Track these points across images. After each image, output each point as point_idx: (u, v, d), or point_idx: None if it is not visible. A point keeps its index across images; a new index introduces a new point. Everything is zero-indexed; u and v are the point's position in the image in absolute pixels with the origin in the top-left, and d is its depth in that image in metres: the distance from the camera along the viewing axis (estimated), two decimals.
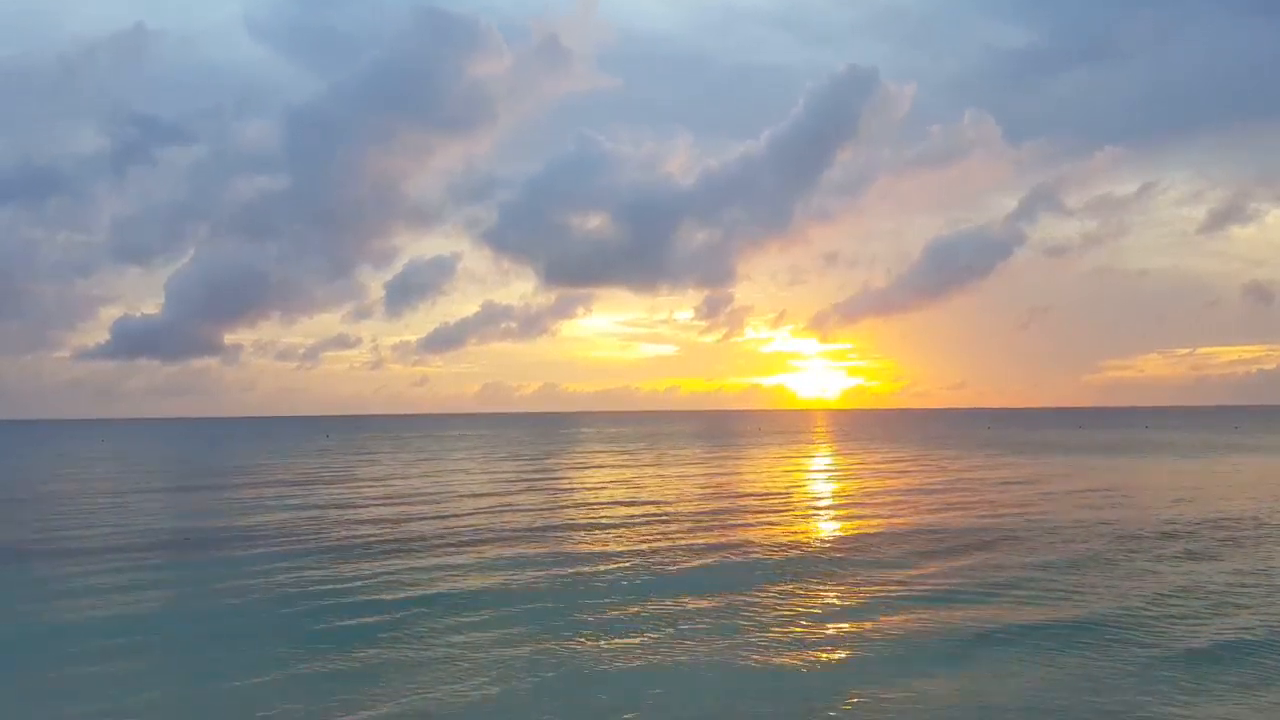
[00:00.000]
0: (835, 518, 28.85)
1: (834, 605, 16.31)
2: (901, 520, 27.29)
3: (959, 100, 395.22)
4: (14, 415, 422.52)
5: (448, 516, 29.57)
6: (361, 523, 28.33)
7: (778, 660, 12.91)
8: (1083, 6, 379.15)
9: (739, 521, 27.56)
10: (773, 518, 28.55)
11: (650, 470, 50.81)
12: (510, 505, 32.73)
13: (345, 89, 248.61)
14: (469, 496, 36.27)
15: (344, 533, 26.06)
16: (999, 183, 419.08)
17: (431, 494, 37.46)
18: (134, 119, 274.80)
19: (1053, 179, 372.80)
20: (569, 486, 40.98)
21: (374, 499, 35.92)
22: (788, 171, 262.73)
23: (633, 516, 29.02)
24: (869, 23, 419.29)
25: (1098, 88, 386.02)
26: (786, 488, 39.28)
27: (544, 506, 32.31)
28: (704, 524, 26.98)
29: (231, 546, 23.60)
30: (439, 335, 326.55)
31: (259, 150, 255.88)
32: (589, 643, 13.83)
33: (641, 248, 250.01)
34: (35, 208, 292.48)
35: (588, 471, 51.37)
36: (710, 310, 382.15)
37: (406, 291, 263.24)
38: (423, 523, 28.08)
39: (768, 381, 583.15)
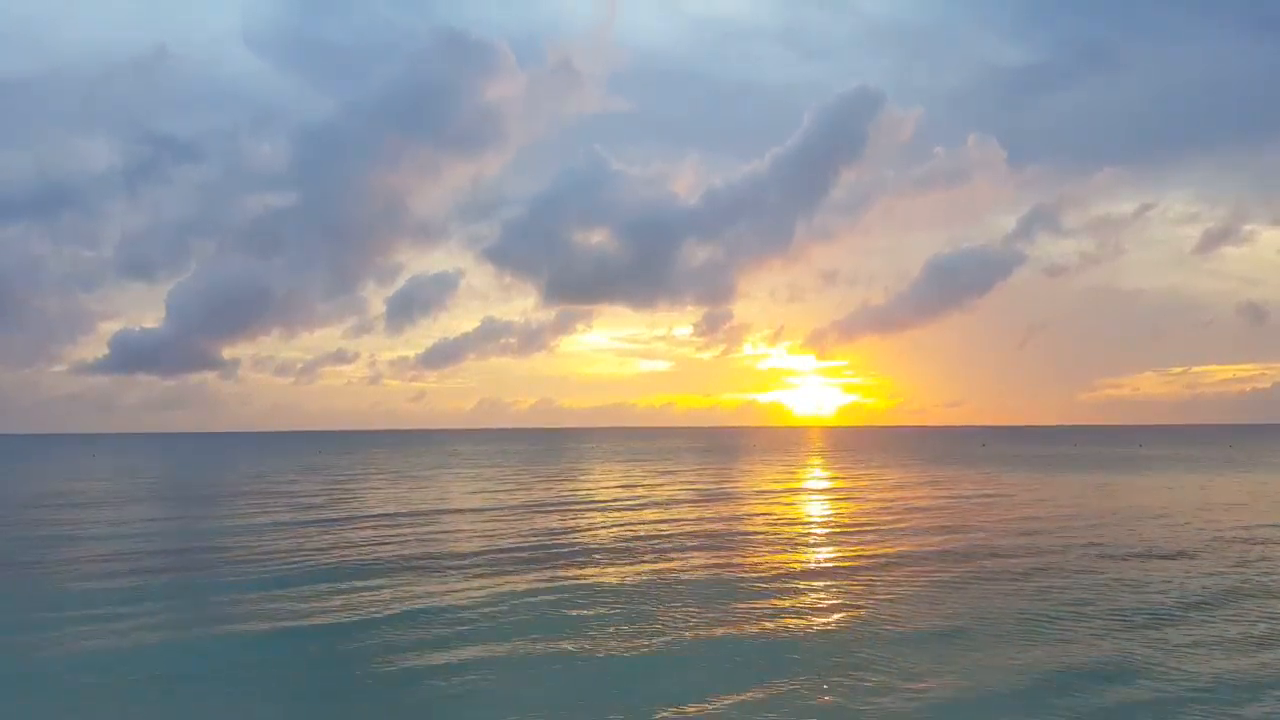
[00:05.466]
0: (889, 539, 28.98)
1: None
2: (905, 543, 27.50)
3: (959, 116, 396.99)
4: (11, 429, 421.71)
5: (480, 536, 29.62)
6: (358, 544, 28.40)
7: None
8: (1081, 25, 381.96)
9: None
10: (788, 540, 28.70)
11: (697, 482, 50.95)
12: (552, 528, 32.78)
13: (358, 108, 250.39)
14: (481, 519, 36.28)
15: (346, 554, 26.10)
16: (999, 203, 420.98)
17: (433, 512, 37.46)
18: (141, 136, 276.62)
19: (1052, 199, 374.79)
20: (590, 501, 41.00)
21: (365, 519, 35.96)
22: (791, 191, 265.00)
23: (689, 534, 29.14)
24: (869, 38, 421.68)
25: (1096, 106, 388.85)
26: (803, 508, 39.43)
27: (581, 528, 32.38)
28: (768, 543, 27.11)
29: (215, 571, 23.41)
30: (438, 351, 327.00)
31: (266, 167, 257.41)
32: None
33: (643, 265, 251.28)
34: (47, 223, 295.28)
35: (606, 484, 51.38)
36: (709, 327, 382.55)
37: (408, 307, 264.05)
38: (430, 543, 28.13)
39: (763, 398, 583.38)
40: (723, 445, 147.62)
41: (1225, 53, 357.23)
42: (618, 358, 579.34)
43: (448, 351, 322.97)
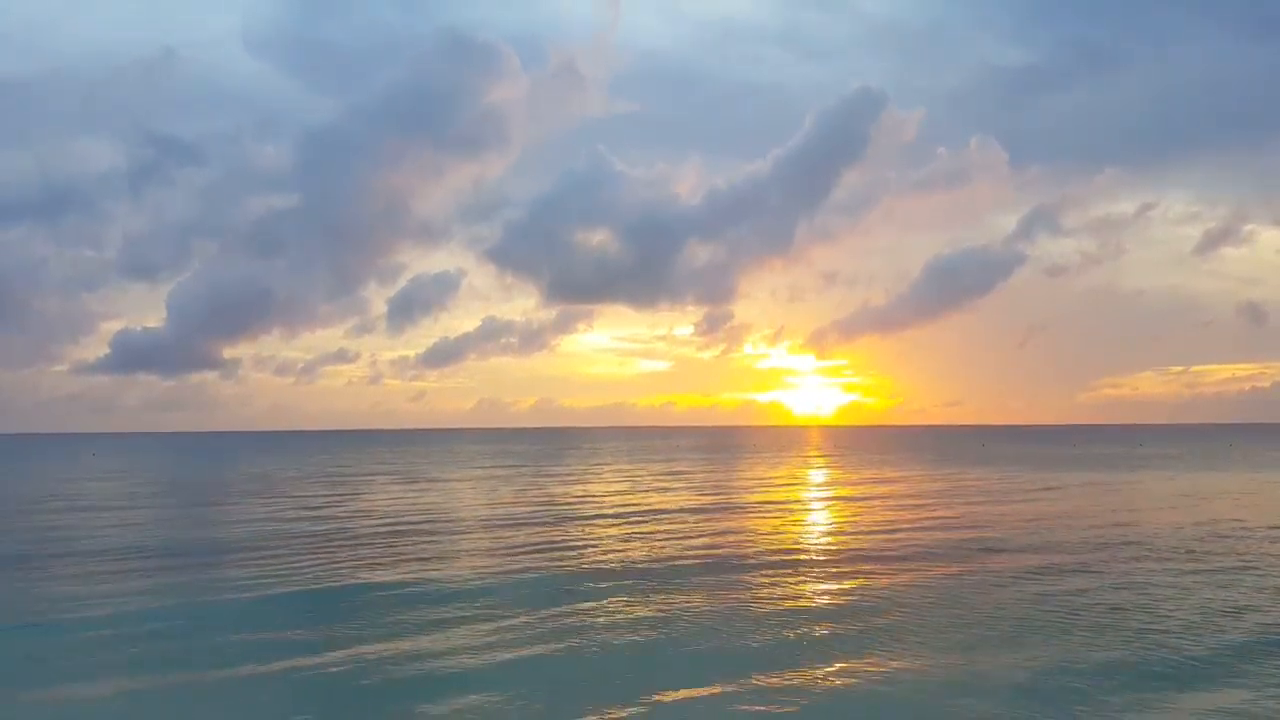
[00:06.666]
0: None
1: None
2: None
3: (959, 117, 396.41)
4: (11, 429, 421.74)
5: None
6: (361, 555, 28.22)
7: None
8: (1081, 25, 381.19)
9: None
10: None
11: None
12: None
13: (360, 110, 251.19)
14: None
15: (340, 570, 25.95)
16: (1000, 203, 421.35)
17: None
18: (144, 137, 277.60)
19: (1052, 200, 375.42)
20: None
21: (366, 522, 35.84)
22: (793, 191, 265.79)
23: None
24: (869, 39, 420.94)
25: (1096, 106, 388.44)
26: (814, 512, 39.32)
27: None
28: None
29: (208, 587, 23.16)
30: (438, 350, 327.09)
31: (268, 168, 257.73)
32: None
33: (645, 265, 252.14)
34: (50, 224, 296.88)
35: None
36: (710, 327, 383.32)
37: (409, 307, 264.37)
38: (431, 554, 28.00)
39: (763, 398, 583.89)
40: (724, 445, 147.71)
41: (1225, 53, 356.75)
42: (618, 357, 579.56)
43: (448, 351, 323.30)
